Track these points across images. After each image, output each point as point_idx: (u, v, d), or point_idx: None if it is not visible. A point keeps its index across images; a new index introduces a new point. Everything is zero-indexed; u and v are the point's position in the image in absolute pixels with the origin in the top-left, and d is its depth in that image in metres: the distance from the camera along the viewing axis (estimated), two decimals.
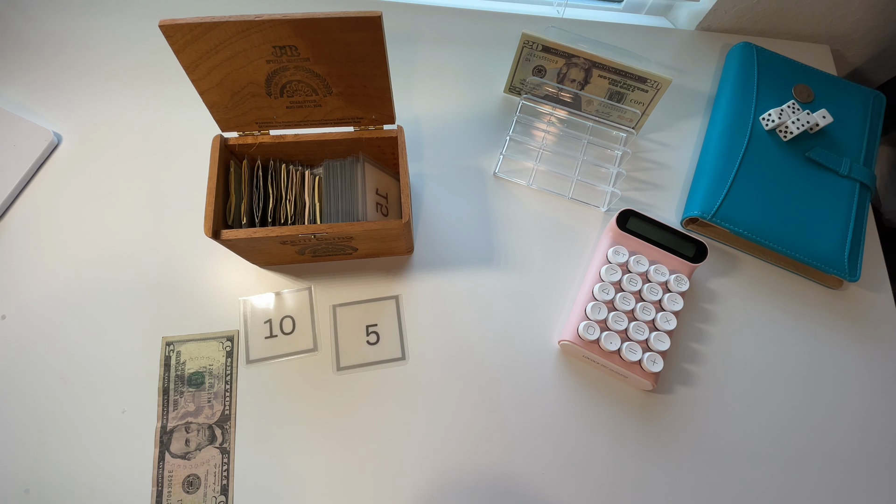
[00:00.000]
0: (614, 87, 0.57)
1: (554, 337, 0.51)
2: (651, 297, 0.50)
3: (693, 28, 0.69)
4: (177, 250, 0.53)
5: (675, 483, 0.47)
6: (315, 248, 0.48)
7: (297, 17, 0.35)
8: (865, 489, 0.48)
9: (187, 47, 0.37)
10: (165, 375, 0.48)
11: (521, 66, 0.59)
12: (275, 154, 0.49)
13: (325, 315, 0.51)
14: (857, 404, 0.51)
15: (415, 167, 0.58)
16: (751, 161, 0.57)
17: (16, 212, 0.54)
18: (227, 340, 0.50)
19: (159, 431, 0.47)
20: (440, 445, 0.47)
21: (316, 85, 0.42)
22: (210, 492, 0.45)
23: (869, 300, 0.55)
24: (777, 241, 0.53)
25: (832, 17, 0.67)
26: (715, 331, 0.53)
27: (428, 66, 0.64)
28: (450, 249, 0.54)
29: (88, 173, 0.56)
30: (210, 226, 0.42)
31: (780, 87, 0.61)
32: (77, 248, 0.53)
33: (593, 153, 0.60)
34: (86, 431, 0.46)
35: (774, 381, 0.51)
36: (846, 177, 0.57)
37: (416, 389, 0.49)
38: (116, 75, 0.61)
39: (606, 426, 0.48)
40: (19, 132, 0.56)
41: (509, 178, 0.58)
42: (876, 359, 0.53)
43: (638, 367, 0.47)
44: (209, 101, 0.43)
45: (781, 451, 0.49)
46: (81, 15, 0.64)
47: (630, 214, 0.53)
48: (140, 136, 0.58)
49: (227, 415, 0.47)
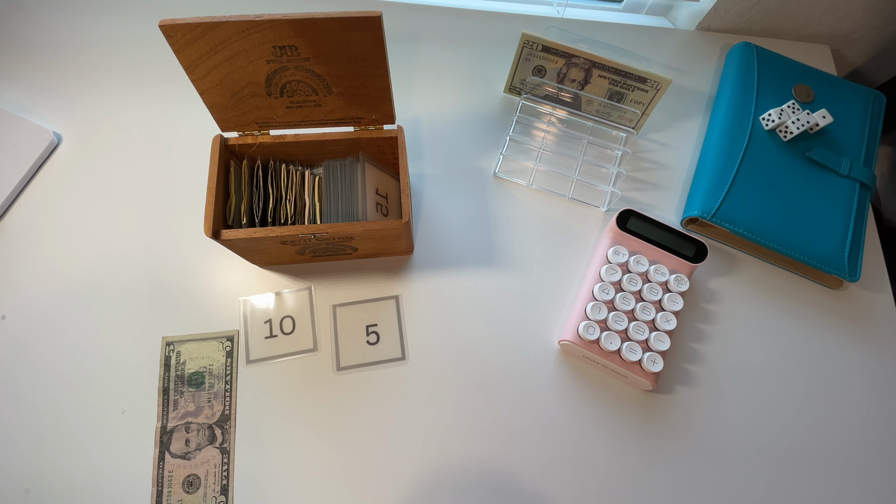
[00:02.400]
0: (614, 87, 0.57)
1: (554, 337, 0.51)
2: (651, 297, 0.50)
3: (693, 28, 0.69)
4: (177, 250, 0.53)
5: (674, 483, 0.47)
6: (315, 248, 0.48)
7: (297, 17, 0.36)
8: (865, 489, 0.48)
9: (187, 47, 0.37)
10: (165, 375, 0.48)
11: (521, 66, 0.59)
12: (275, 154, 0.49)
13: (325, 315, 0.51)
14: (857, 404, 0.51)
15: (415, 167, 0.58)
16: (751, 161, 0.57)
17: (16, 212, 0.54)
18: (227, 340, 0.50)
19: (159, 431, 0.47)
20: (440, 445, 0.47)
21: (316, 85, 0.42)
22: (210, 492, 0.45)
23: (869, 300, 0.55)
24: (777, 241, 0.53)
25: (832, 17, 0.67)
26: (715, 331, 0.53)
27: (428, 66, 0.64)
28: (450, 249, 0.54)
29: (88, 173, 0.56)
30: (210, 226, 0.42)
31: (780, 87, 0.61)
32: (77, 248, 0.53)
33: (593, 153, 0.60)
34: (86, 431, 0.46)
35: (774, 380, 0.51)
36: (846, 177, 0.57)
37: (416, 389, 0.49)
38: (116, 75, 0.61)
39: (606, 426, 0.48)
40: (19, 132, 0.56)
41: (509, 178, 0.58)
42: (876, 359, 0.53)
43: (638, 367, 0.47)
44: (209, 101, 0.43)
45: (781, 450, 0.49)
46: (81, 15, 0.64)
47: (630, 214, 0.53)
48: (140, 136, 0.58)
49: (227, 415, 0.47)
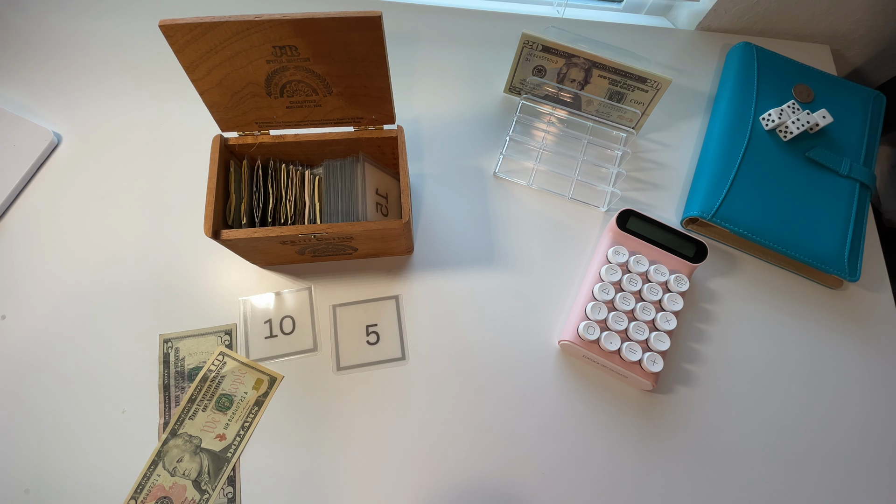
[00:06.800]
0: (614, 87, 0.57)
1: (554, 337, 0.51)
2: (651, 297, 0.50)
3: (693, 28, 0.69)
4: (177, 250, 0.53)
5: (674, 482, 0.47)
6: (315, 248, 0.48)
7: (297, 17, 0.36)
8: (865, 489, 0.48)
9: (187, 47, 0.37)
10: (165, 372, 0.48)
11: (521, 66, 0.59)
12: (275, 154, 0.49)
13: (325, 315, 0.51)
14: (857, 404, 0.51)
15: (415, 167, 0.58)
16: (751, 161, 0.56)
17: (16, 212, 0.54)
18: (226, 335, 0.50)
19: (162, 427, 0.47)
20: (440, 445, 0.47)
21: (316, 85, 0.42)
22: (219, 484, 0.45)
23: (869, 300, 0.55)
24: (777, 240, 0.53)
25: (832, 17, 0.67)
26: (715, 331, 0.53)
27: (428, 66, 0.64)
28: (450, 249, 0.54)
29: (88, 173, 0.56)
30: (210, 226, 0.42)
31: (780, 87, 0.61)
32: (77, 248, 0.53)
33: (593, 153, 0.60)
34: (86, 431, 0.46)
35: (774, 380, 0.51)
36: (846, 177, 0.57)
37: (415, 389, 0.49)
38: (116, 75, 0.61)
39: (606, 426, 0.48)
40: (19, 132, 0.56)
41: (509, 178, 0.58)
42: (876, 359, 0.53)
43: (638, 367, 0.47)
44: (209, 101, 0.43)
45: (781, 450, 0.49)
46: (81, 15, 0.64)
47: (630, 214, 0.53)
48: (140, 136, 0.58)
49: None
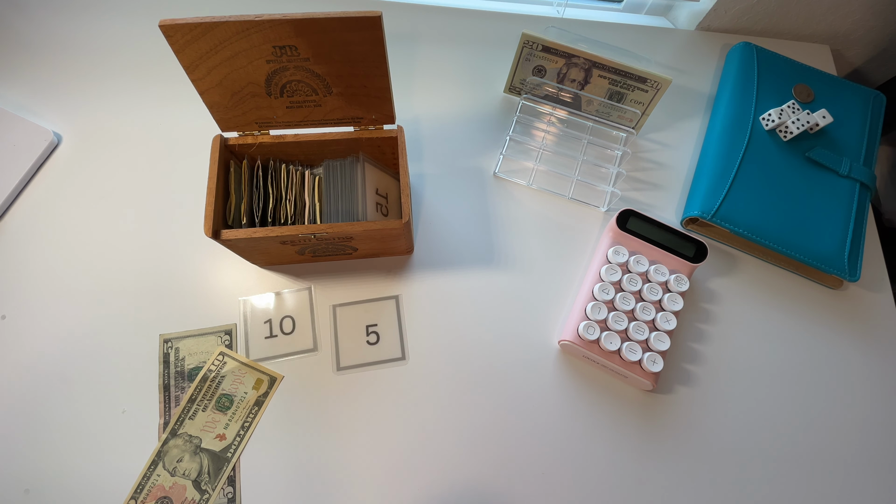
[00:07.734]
0: (614, 87, 0.57)
1: (554, 337, 0.51)
2: (651, 297, 0.50)
3: (693, 28, 0.69)
4: (177, 250, 0.53)
5: (675, 482, 0.47)
6: (315, 248, 0.48)
7: (297, 17, 0.36)
8: (865, 489, 0.48)
9: (187, 47, 0.37)
10: (165, 372, 0.48)
11: (521, 66, 0.59)
12: (275, 154, 0.49)
13: (325, 315, 0.51)
14: (857, 404, 0.51)
15: (415, 167, 0.58)
16: (751, 161, 0.56)
17: (16, 212, 0.54)
18: (226, 335, 0.50)
19: (162, 427, 0.47)
20: (440, 445, 0.47)
21: (316, 85, 0.42)
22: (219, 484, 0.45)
23: (869, 300, 0.55)
24: (777, 240, 0.53)
25: (832, 17, 0.67)
26: (715, 331, 0.53)
27: (428, 66, 0.64)
28: (450, 249, 0.54)
29: (88, 173, 0.56)
30: (210, 226, 0.42)
31: (780, 87, 0.61)
32: (77, 248, 0.53)
33: (593, 153, 0.60)
34: (86, 431, 0.46)
35: (774, 380, 0.51)
36: (846, 177, 0.57)
37: (415, 389, 0.49)
38: (116, 75, 0.61)
39: (606, 426, 0.48)
40: (19, 132, 0.56)
41: (509, 178, 0.58)
42: (876, 359, 0.53)
43: (638, 367, 0.47)
44: (209, 101, 0.43)
45: (781, 450, 0.49)
46: (81, 15, 0.64)
47: (630, 214, 0.53)
48: (140, 136, 0.58)
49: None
